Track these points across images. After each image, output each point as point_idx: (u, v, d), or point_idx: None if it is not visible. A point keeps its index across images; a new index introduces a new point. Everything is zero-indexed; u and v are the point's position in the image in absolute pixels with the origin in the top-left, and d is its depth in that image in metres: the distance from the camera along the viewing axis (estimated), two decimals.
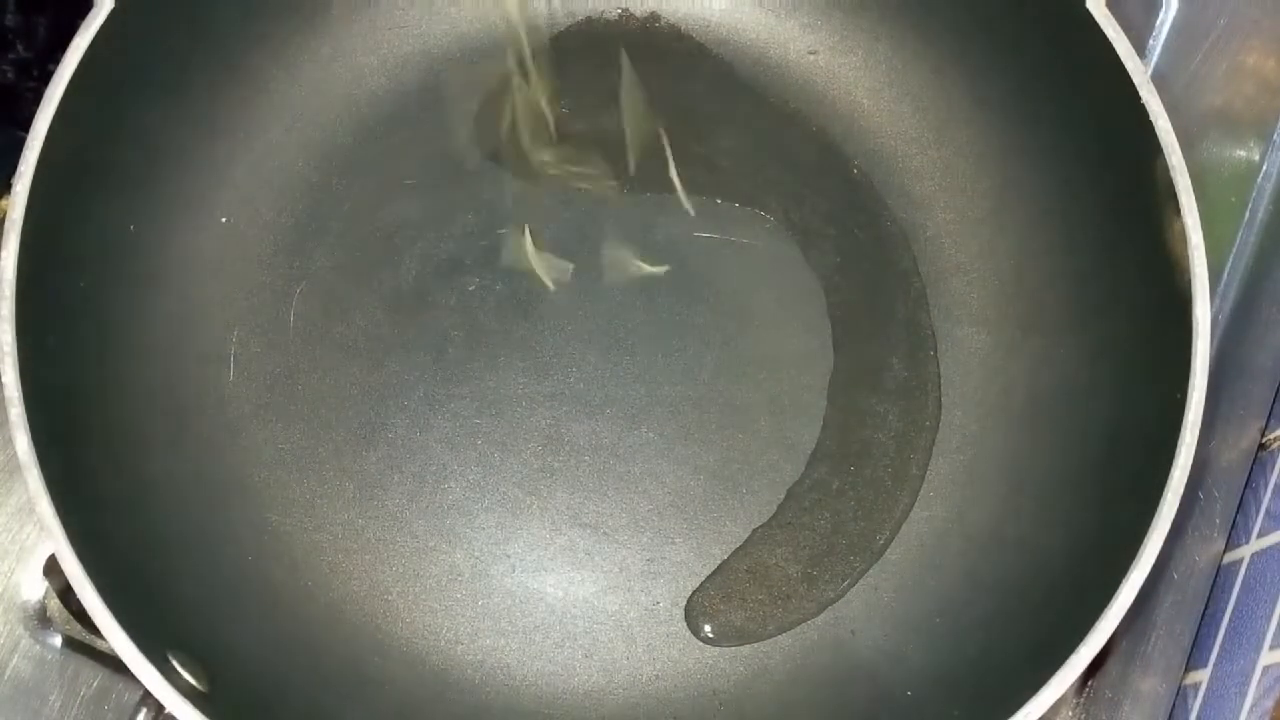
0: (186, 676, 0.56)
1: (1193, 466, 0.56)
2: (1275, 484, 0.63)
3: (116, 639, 0.54)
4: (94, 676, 0.64)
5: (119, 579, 0.55)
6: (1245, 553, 0.63)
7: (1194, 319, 0.57)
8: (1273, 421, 0.65)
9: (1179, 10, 0.72)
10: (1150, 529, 0.55)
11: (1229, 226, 0.70)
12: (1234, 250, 0.70)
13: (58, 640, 0.65)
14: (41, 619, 0.65)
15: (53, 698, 0.64)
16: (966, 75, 0.69)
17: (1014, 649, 0.60)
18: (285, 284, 0.68)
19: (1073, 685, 0.55)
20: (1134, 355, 0.62)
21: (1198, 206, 0.58)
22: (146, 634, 0.54)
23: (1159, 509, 0.55)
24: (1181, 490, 0.55)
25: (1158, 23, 0.72)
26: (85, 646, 0.64)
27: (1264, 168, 0.71)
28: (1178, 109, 0.59)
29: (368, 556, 0.65)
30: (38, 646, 0.64)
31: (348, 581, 0.64)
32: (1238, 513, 0.64)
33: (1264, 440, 0.65)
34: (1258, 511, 0.63)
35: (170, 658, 0.56)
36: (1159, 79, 0.70)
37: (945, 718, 0.61)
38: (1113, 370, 0.63)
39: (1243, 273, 0.69)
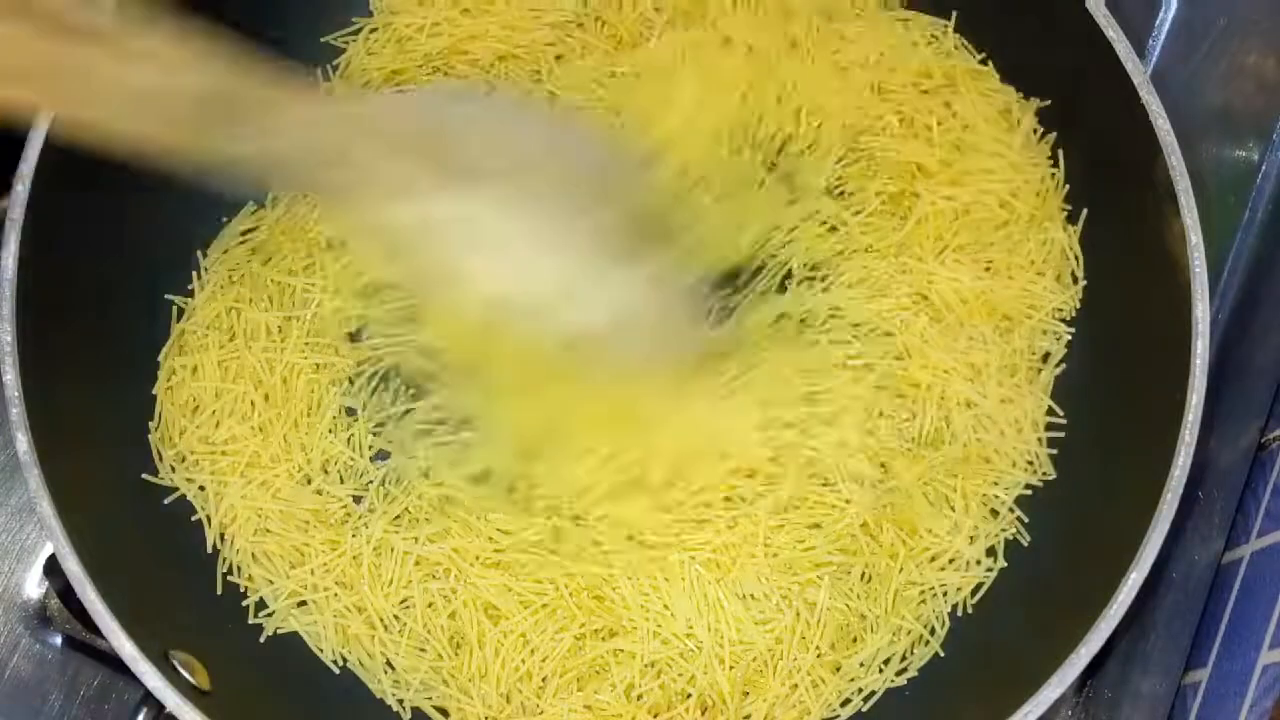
0: (187, 676, 0.56)
1: (1192, 466, 0.55)
2: (1275, 484, 0.63)
3: (117, 639, 0.54)
4: (94, 675, 0.64)
5: (119, 579, 0.55)
6: (1245, 552, 0.63)
7: (1194, 319, 0.57)
8: (1272, 422, 0.65)
9: (1179, 10, 0.72)
10: (1150, 529, 0.55)
11: (1229, 227, 0.70)
12: (1233, 250, 0.70)
13: (58, 639, 0.65)
14: (42, 618, 0.65)
15: (53, 696, 0.64)
16: None
17: (1013, 648, 0.60)
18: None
19: (1072, 685, 0.55)
20: (1133, 355, 0.62)
21: (1197, 207, 0.58)
22: (146, 634, 0.54)
23: (1158, 509, 0.55)
24: (1181, 490, 0.55)
25: (1157, 22, 0.72)
26: (85, 646, 0.64)
27: (1263, 168, 0.71)
28: (1177, 109, 0.59)
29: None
30: (38, 645, 0.64)
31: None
32: (1237, 512, 0.64)
33: (1263, 440, 0.65)
34: (1257, 511, 0.63)
35: (170, 657, 0.56)
36: (1158, 79, 0.70)
37: (946, 717, 0.61)
38: (1112, 371, 0.63)
39: (1242, 273, 0.69)
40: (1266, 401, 0.65)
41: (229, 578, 0.63)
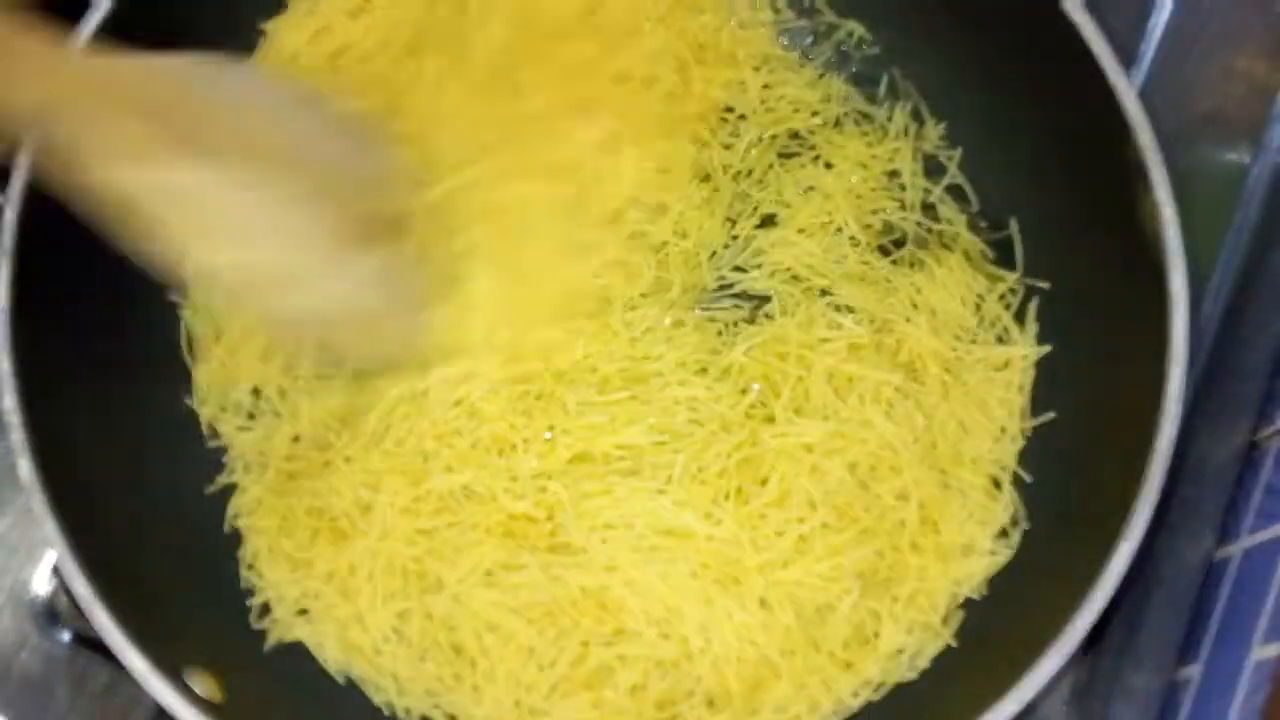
0: (199, 690, 0.56)
1: (1184, 465, 0.56)
2: (1266, 482, 0.63)
3: (128, 656, 0.54)
4: (102, 672, 0.64)
5: (129, 595, 0.56)
6: (1236, 549, 0.63)
7: (1171, 292, 0.57)
8: (1263, 420, 0.66)
9: (1171, 14, 0.72)
10: (1137, 499, 0.55)
11: (1220, 229, 0.70)
12: (1225, 252, 0.70)
13: (66, 636, 0.65)
14: (50, 615, 0.65)
15: (61, 693, 0.64)
16: (935, 53, 0.69)
17: (1014, 630, 0.60)
18: None
19: (1070, 664, 0.56)
20: (1116, 333, 0.62)
21: (1189, 210, 0.58)
22: (158, 649, 0.55)
23: (1146, 478, 0.56)
24: (1168, 461, 0.56)
25: (1150, 26, 0.72)
26: (93, 642, 0.64)
27: (1254, 170, 0.71)
28: (1170, 112, 0.59)
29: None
30: (46, 642, 0.65)
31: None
32: (1229, 510, 0.65)
33: (1255, 438, 0.65)
34: (1248, 509, 0.64)
35: (183, 672, 0.56)
36: (1151, 83, 0.70)
37: (947, 693, 0.61)
38: (1095, 348, 0.64)
39: (1234, 275, 0.70)
40: (1257, 400, 0.65)
41: (241, 579, 0.64)
